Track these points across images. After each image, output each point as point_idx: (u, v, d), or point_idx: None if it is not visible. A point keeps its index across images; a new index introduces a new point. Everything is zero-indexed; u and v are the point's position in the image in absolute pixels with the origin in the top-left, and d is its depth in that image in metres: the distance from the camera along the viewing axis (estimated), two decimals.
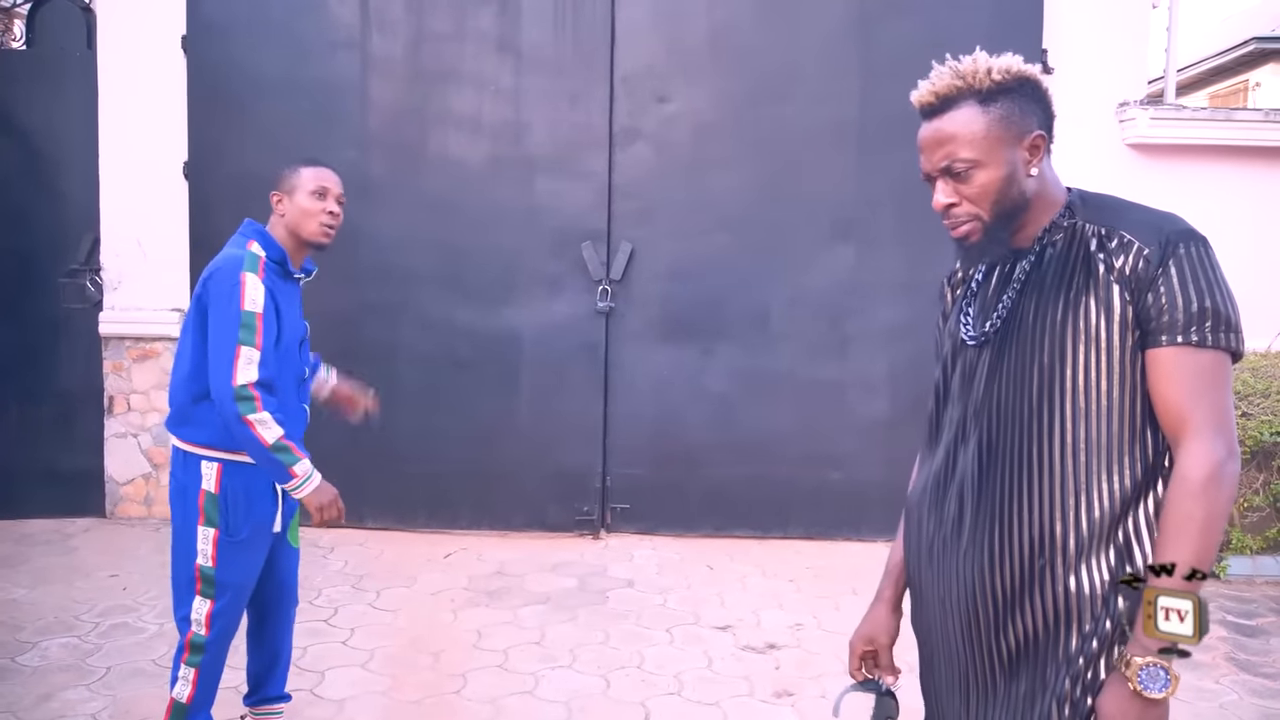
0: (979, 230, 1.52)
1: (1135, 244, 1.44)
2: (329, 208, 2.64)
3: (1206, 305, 1.40)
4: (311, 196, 2.62)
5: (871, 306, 5.00)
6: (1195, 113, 5.42)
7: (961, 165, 1.49)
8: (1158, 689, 1.35)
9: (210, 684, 2.65)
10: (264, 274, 2.51)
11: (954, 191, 1.51)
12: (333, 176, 2.69)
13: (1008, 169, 1.49)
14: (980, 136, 1.48)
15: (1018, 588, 1.49)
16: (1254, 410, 4.49)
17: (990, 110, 1.48)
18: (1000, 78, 1.48)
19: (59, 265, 5.14)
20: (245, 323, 2.44)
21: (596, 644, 3.77)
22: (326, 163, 2.73)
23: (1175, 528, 1.38)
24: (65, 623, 3.83)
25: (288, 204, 2.64)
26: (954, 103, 1.50)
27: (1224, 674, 3.60)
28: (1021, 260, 1.56)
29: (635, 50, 4.97)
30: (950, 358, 1.67)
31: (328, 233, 2.66)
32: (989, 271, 1.65)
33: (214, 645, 2.60)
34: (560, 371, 5.08)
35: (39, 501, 5.10)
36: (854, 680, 1.79)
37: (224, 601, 2.58)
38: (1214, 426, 1.39)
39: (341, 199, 2.70)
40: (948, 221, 1.54)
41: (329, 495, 2.52)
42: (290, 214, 2.63)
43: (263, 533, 2.63)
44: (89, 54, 5.07)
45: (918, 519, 1.66)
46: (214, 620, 2.58)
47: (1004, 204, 1.51)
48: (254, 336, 2.44)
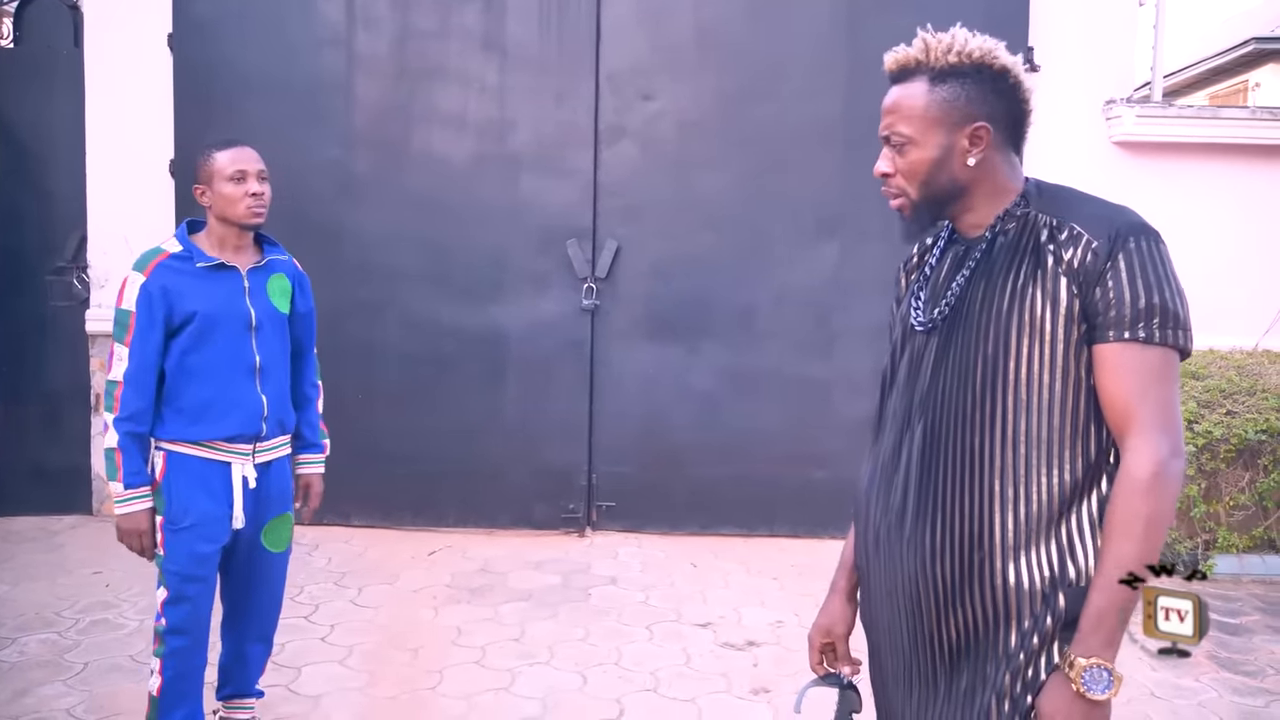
0: (907, 206, 1.54)
1: (1085, 236, 1.42)
2: (250, 189, 2.60)
3: (1155, 301, 1.38)
4: (230, 182, 2.58)
5: (857, 304, 4.99)
6: (1181, 110, 5.41)
7: (898, 139, 1.50)
8: (1100, 690, 1.34)
9: (180, 678, 2.63)
10: (156, 270, 2.53)
11: (891, 162, 1.53)
12: (250, 155, 2.64)
13: (939, 153, 1.48)
14: (918, 115, 1.48)
15: (957, 580, 1.48)
16: (1239, 409, 4.48)
17: (935, 91, 1.48)
18: (955, 60, 1.47)
19: (46, 263, 5.14)
20: (118, 320, 2.53)
21: (575, 641, 3.76)
22: (241, 141, 2.68)
23: (1121, 525, 1.37)
24: (45, 619, 3.83)
25: (210, 194, 2.61)
26: (909, 75, 1.50)
27: (1204, 672, 3.59)
28: (974, 248, 1.55)
29: (621, 48, 4.97)
30: (899, 344, 1.66)
31: (257, 213, 2.62)
32: (942, 256, 1.63)
33: (173, 635, 2.59)
34: (546, 369, 5.08)
35: (25, 499, 5.10)
36: (815, 675, 1.78)
37: (174, 591, 2.58)
38: (1160, 424, 1.37)
39: (264, 175, 2.64)
40: (883, 189, 1.56)
41: (132, 525, 2.54)
42: (215, 203, 2.61)
43: (212, 526, 2.60)
44: (76, 52, 5.08)
45: (865, 509, 1.65)
46: (167, 608, 2.59)
47: (930, 187, 1.51)
48: (124, 334, 2.52)
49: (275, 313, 2.72)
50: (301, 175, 4.94)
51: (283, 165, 4.87)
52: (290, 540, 2.85)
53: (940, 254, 1.64)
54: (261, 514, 2.71)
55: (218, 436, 2.60)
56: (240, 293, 2.64)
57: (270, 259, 2.74)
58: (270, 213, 2.68)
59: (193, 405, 2.57)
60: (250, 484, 2.66)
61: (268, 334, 2.68)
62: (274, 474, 2.75)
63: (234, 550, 2.71)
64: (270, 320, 2.69)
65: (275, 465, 2.75)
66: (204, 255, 2.60)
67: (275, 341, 2.72)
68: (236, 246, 2.66)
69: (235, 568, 2.75)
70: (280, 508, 2.78)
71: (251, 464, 2.66)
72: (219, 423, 2.59)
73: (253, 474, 2.66)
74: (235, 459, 2.63)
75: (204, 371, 2.57)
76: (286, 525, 2.81)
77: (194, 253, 2.59)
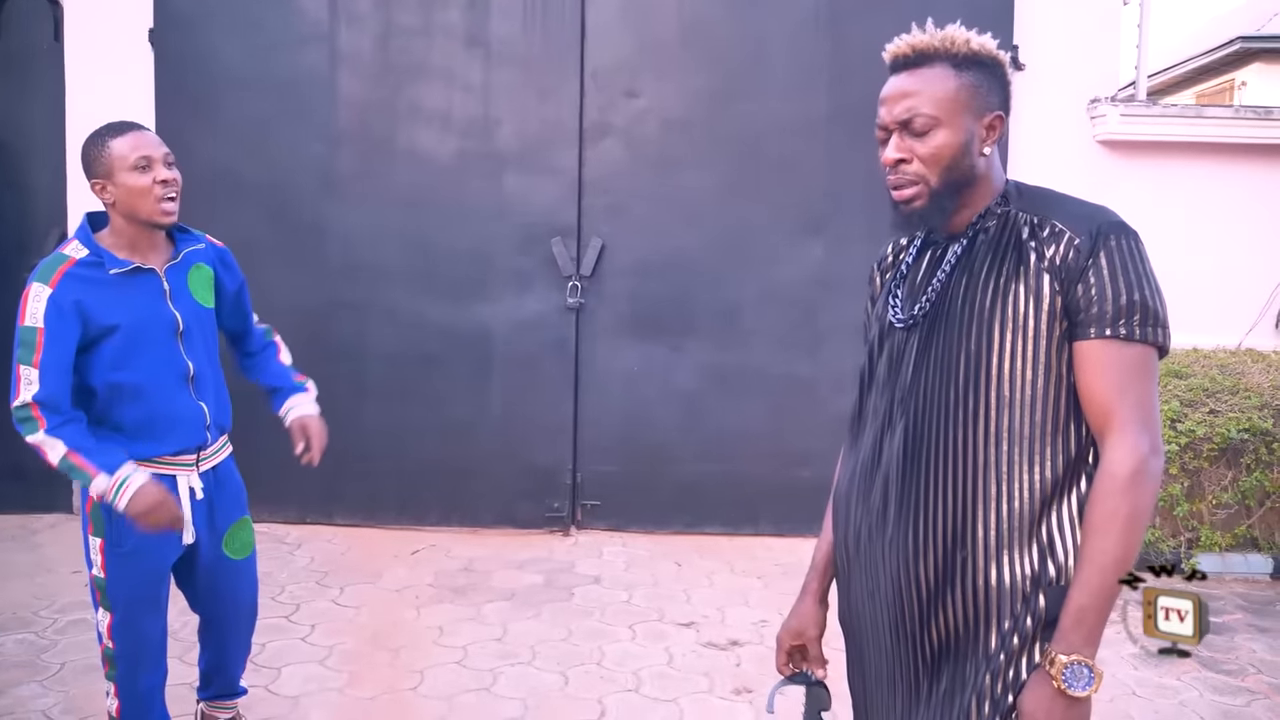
0: (923, 196, 1.50)
1: (1066, 233, 1.43)
2: (159, 177, 2.29)
3: (1135, 299, 1.39)
4: (134, 172, 2.28)
5: (842, 302, 4.97)
6: (1166, 109, 5.42)
7: (923, 121, 1.47)
8: (1081, 686, 1.34)
9: (137, 698, 2.50)
10: (64, 279, 2.25)
11: (908, 149, 1.49)
12: (152, 139, 2.33)
13: (965, 137, 1.48)
14: (948, 97, 1.47)
15: (940, 579, 1.47)
16: (1222, 407, 4.49)
17: (962, 75, 1.48)
18: (977, 49, 1.49)
19: (25, 260, 5.07)
20: (23, 340, 2.24)
21: (558, 641, 3.75)
22: (137, 125, 2.36)
23: (1100, 523, 1.37)
24: (23, 619, 3.80)
25: (112, 189, 2.30)
26: (928, 60, 1.49)
27: (1185, 670, 3.60)
28: (953, 244, 1.55)
29: (605, 45, 4.95)
30: (877, 342, 1.65)
31: (168, 209, 2.32)
32: (919, 255, 1.63)
33: (123, 660, 2.44)
34: (530, 368, 5.06)
35: (5, 497, 5.05)
36: (782, 675, 1.78)
37: (120, 615, 2.41)
38: (1139, 422, 1.38)
39: (170, 159, 2.34)
40: (893, 178, 1.52)
41: (148, 501, 2.25)
42: (120, 198, 2.30)
43: (159, 544, 2.40)
44: (56, 47, 5.03)
45: (845, 509, 1.64)
46: (115, 633, 2.43)
47: (953, 173, 1.49)
48: (31, 354, 2.22)
49: (200, 310, 2.49)
50: (284, 172, 4.92)
51: (265, 162, 4.92)
52: (253, 544, 2.67)
53: (917, 252, 1.63)
54: (219, 523, 2.54)
55: (161, 453, 2.40)
56: (160, 296, 2.39)
57: (185, 251, 2.47)
58: (254, 210, 2.53)
59: (130, 424, 2.36)
60: (197, 495, 2.47)
61: (195, 336, 2.46)
62: (223, 478, 2.57)
63: (195, 565, 2.54)
64: (196, 321, 2.46)
65: (222, 469, 2.57)
66: (115, 259, 2.32)
67: (205, 341, 2.51)
68: (150, 245, 2.39)
69: (201, 583, 2.59)
70: (238, 512, 2.61)
71: (197, 474, 2.48)
72: (161, 440, 2.39)
73: (199, 484, 2.48)
74: (180, 470, 2.44)
75: (135, 389, 2.35)
76: (246, 529, 2.64)
77: (104, 257, 2.31)
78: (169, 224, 2.38)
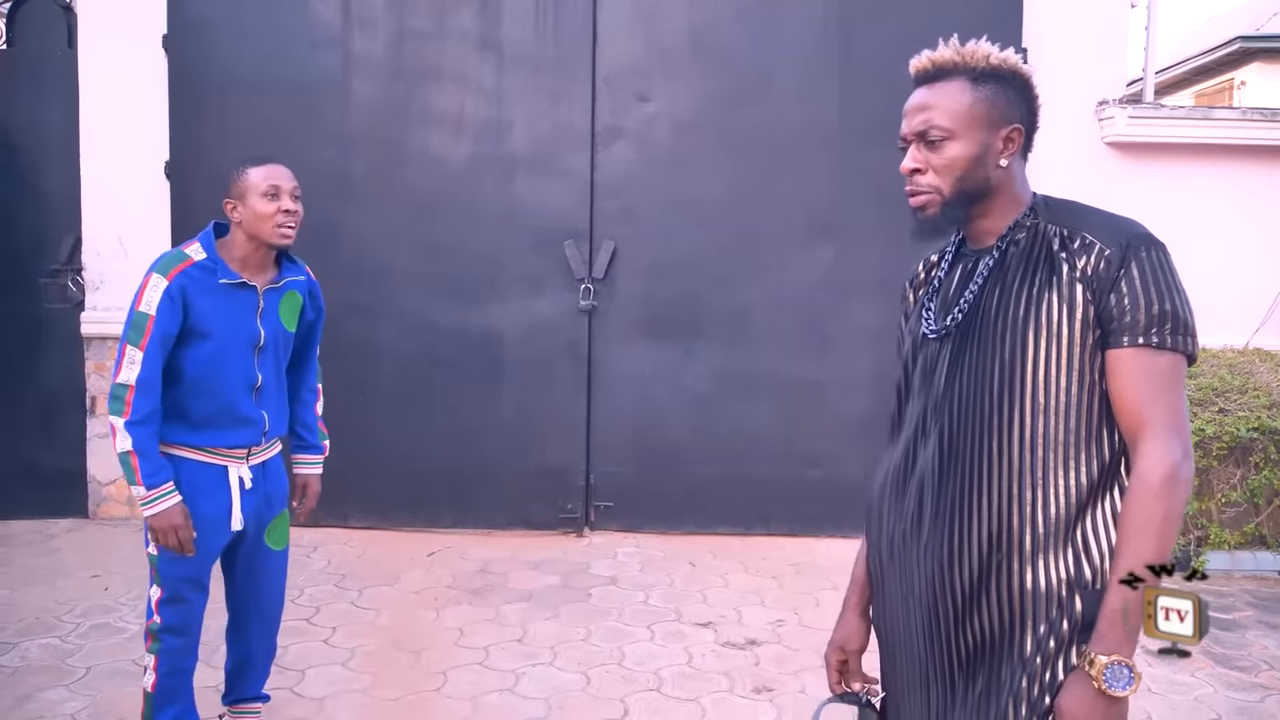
0: (936, 205, 1.55)
1: (1097, 245, 1.46)
2: (284, 206, 2.57)
3: (1166, 308, 1.42)
4: (264, 199, 2.55)
5: (850, 305, 5.03)
6: (1174, 111, 5.46)
7: (936, 133, 1.52)
8: (1121, 686, 1.36)
9: (175, 676, 2.65)
10: (180, 276, 2.49)
11: (923, 159, 1.54)
12: (284, 173, 2.61)
13: (978, 149, 1.52)
14: (961, 110, 1.51)
15: (976, 582, 1.50)
16: (1230, 406, 4.53)
17: (978, 90, 1.52)
18: (997, 63, 1.53)
19: (40, 265, 5.13)
20: (135, 322, 2.47)
21: (578, 641, 3.78)
22: (275, 158, 2.65)
23: (1136, 526, 1.40)
24: (46, 623, 3.82)
25: (242, 210, 2.57)
26: (946, 74, 1.54)
27: (1199, 667, 3.64)
28: (984, 258, 1.58)
29: (617, 49, 4.98)
30: (911, 353, 1.69)
31: (286, 234, 2.59)
32: (951, 269, 1.66)
33: (167, 634, 2.61)
34: (543, 370, 5.09)
35: (21, 502, 5.09)
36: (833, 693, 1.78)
37: (169, 591, 2.59)
38: (1170, 428, 1.42)
39: (297, 193, 2.61)
40: (909, 187, 1.57)
41: (166, 523, 2.48)
42: (246, 219, 2.57)
43: (211, 528, 2.61)
44: (69, 53, 5.06)
45: (879, 515, 1.67)
46: (162, 608, 2.60)
47: (966, 183, 1.53)
48: (140, 337, 2.46)
49: (283, 332, 2.72)
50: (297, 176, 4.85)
51: None
52: (288, 538, 2.87)
53: (949, 266, 1.67)
54: (264, 513, 2.74)
55: (218, 445, 2.62)
56: (253, 311, 2.63)
57: (287, 280, 2.72)
58: None
59: (196, 415, 2.58)
60: (246, 485, 2.66)
61: (270, 353, 2.68)
62: (270, 472, 2.76)
63: (238, 551, 2.73)
64: (276, 340, 2.69)
65: (270, 464, 2.76)
66: (228, 271, 2.57)
67: (277, 358, 2.73)
68: (259, 265, 2.64)
69: (240, 568, 2.77)
70: (280, 505, 2.80)
71: (246, 466, 2.67)
72: (220, 435, 2.61)
73: (249, 475, 2.67)
74: (232, 462, 2.64)
75: (209, 388, 2.57)
76: (285, 522, 2.84)
77: (219, 266, 2.56)
78: (284, 245, 2.62)
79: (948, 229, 1.60)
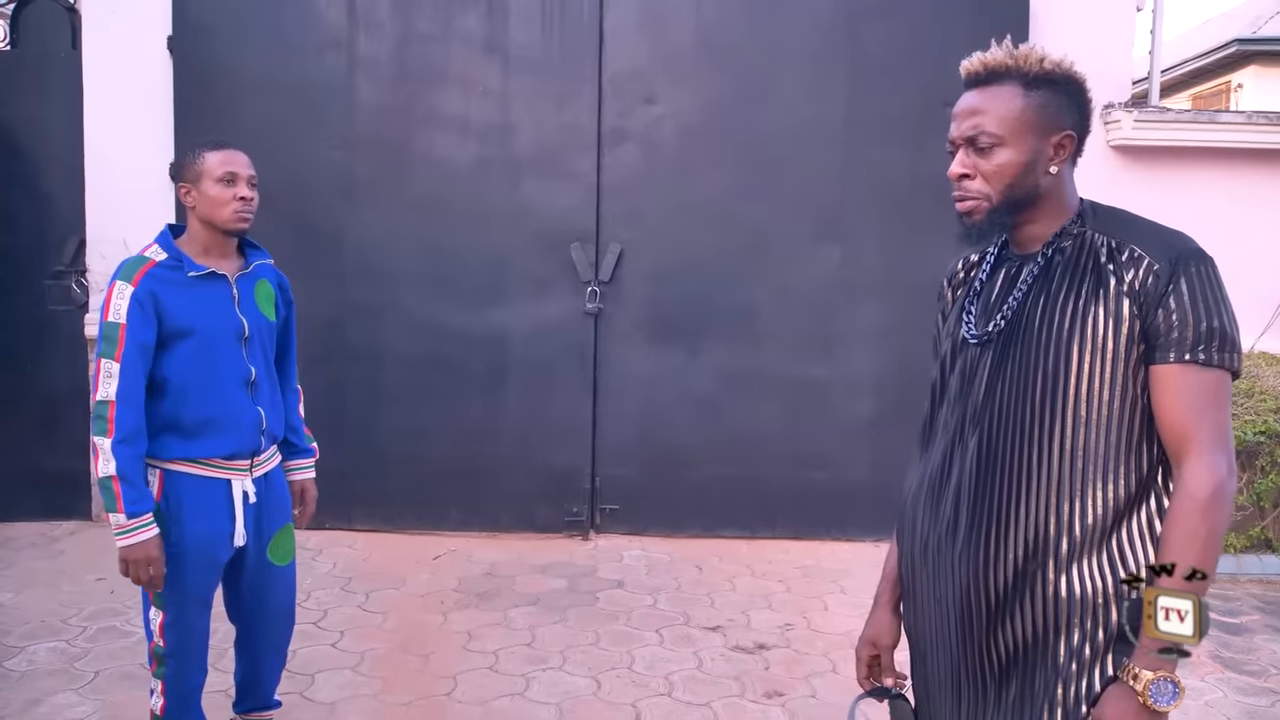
0: (983, 211, 1.53)
1: (1146, 259, 1.45)
2: (239, 193, 2.47)
3: (1214, 325, 1.42)
4: (219, 184, 2.46)
5: (857, 307, 5.03)
6: (1179, 115, 5.47)
7: (986, 140, 1.50)
8: (1166, 701, 1.36)
9: (183, 696, 2.58)
10: (145, 279, 2.39)
11: (972, 165, 1.53)
12: (241, 159, 2.51)
13: (1029, 156, 1.50)
14: (1013, 117, 1.50)
15: (1010, 589, 1.50)
16: (1237, 410, 4.54)
17: (1031, 95, 1.50)
18: (1050, 68, 1.51)
19: (44, 267, 5.10)
20: (106, 334, 2.37)
21: (587, 645, 3.77)
22: (230, 143, 2.56)
23: (1181, 542, 1.39)
24: (52, 627, 3.81)
25: (196, 194, 2.48)
26: (999, 78, 1.52)
27: (1209, 671, 3.64)
28: (1029, 263, 1.57)
29: (623, 51, 4.98)
30: (949, 357, 1.67)
31: (244, 218, 2.50)
32: (993, 272, 1.65)
33: (174, 657, 2.52)
34: (549, 372, 5.08)
35: (24, 504, 5.06)
36: (863, 689, 1.78)
37: (173, 614, 2.50)
38: (1216, 444, 1.41)
39: (253, 180, 2.52)
40: (957, 192, 1.55)
41: (141, 555, 2.35)
42: (200, 204, 2.47)
43: (210, 546, 2.51)
44: (74, 54, 5.04)
45: (912, 519, 1.67)
46: (167, 631, 2.50)
47: (1015, 190, 1.52)
48: (114, 348, 2.35)
49: (265, 322, 2.62)
50: (303, 178, 4.93)
51: (284, 168, 4.92)
52: (294, 551, 2.75)
53: (991, 269, 1.65)
54: (265, 528, 2.62)
55: (216, 454, 2.50)
56: (230, 302, 2.53)
57: (255, 264, 2.62)
58: (273, 216, 2.61)
59: (190, 423, 2.46)
60: (250, 499, 2.56)
61: (257, 344, 2.59)
62: (272, 485, 2.66)
63: (240, 568, 2.62)
64: (259, 330, 2.59)
65: (273, 475, 2.67)
66: (193, 264, 2.47)
67: (264, 351, 2.63)
68: (222, 252, 2.54)
69: (243, 586, 2.66)
70: (282, 519, 2.69)
71: (250, 479, 2.57)
72: (217, 440, 2.49)
73: (252, 489, 2.57)
74: (234, 475, 2.54)
75: (202, 388, 2.46)
76: (289, 536, 2.72)
77: (183, 260, 2.46)
78: (242, 230, 2.53)
79: (994, 235, 1.58)
